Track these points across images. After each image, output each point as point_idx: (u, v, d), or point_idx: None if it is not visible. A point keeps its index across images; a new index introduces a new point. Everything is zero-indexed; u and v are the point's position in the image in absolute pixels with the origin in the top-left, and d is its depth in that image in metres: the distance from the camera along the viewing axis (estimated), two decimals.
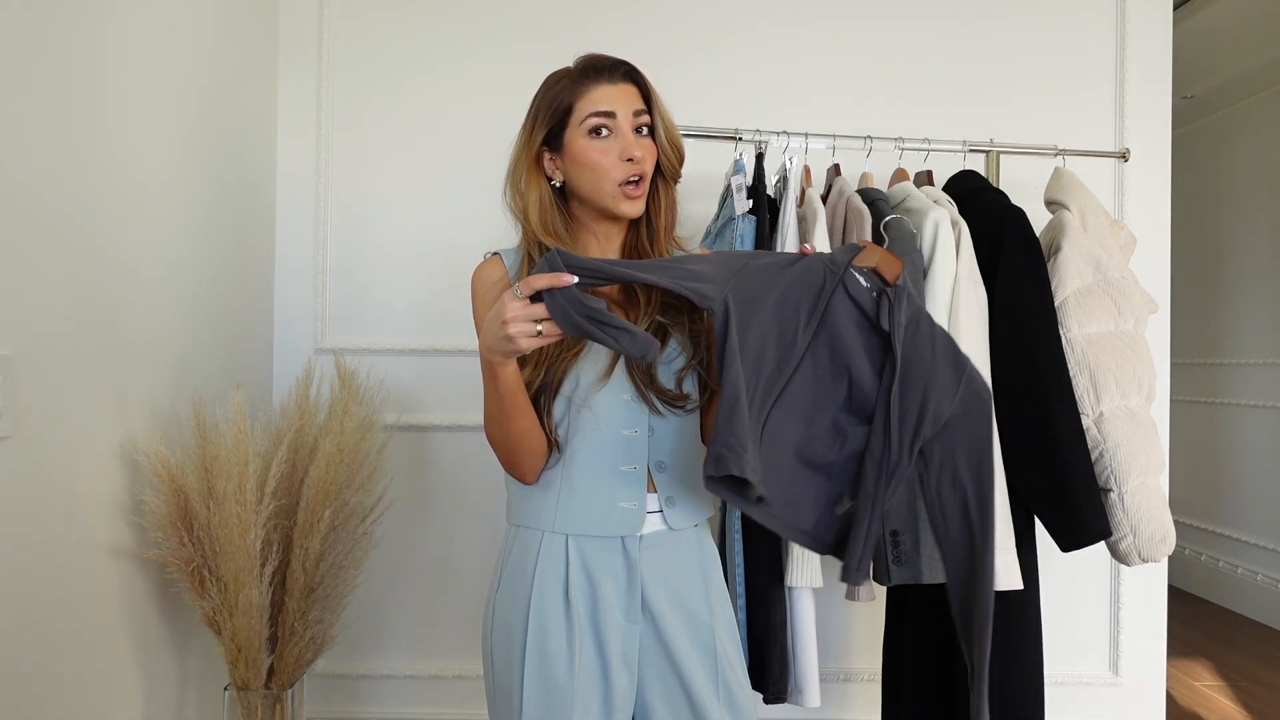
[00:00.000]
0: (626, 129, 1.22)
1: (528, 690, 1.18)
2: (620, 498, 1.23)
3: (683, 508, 1.26)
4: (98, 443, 1.55)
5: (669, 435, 1.25)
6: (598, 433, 1.22)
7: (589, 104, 1.22)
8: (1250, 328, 4.03)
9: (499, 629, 1.25)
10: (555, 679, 1.18)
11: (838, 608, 2.40)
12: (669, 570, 1.25)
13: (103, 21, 1.55)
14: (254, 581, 1.66)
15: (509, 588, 1.25)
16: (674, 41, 2.41)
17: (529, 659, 1.19)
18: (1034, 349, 1.69)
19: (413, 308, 2.38)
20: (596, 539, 1.22)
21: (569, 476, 1.23)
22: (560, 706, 1.17)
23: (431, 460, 2.39)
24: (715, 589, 1.29)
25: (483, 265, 1.29)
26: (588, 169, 1.22)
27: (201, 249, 1.94)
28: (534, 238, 1.26)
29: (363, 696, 2.39)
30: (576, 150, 1.23)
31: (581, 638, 1.20)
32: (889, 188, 1.89)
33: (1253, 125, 4.03)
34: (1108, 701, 2.48)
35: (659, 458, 1.24)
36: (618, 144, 1.22)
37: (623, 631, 1.21)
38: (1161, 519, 1.71)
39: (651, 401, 1.22)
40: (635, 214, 1.24)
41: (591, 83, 1.23)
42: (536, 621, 1.20)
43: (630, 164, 1.21)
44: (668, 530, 1.25)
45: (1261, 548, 3.91)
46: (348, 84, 2.38)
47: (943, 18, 2.45)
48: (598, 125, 1.21)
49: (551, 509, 1.23)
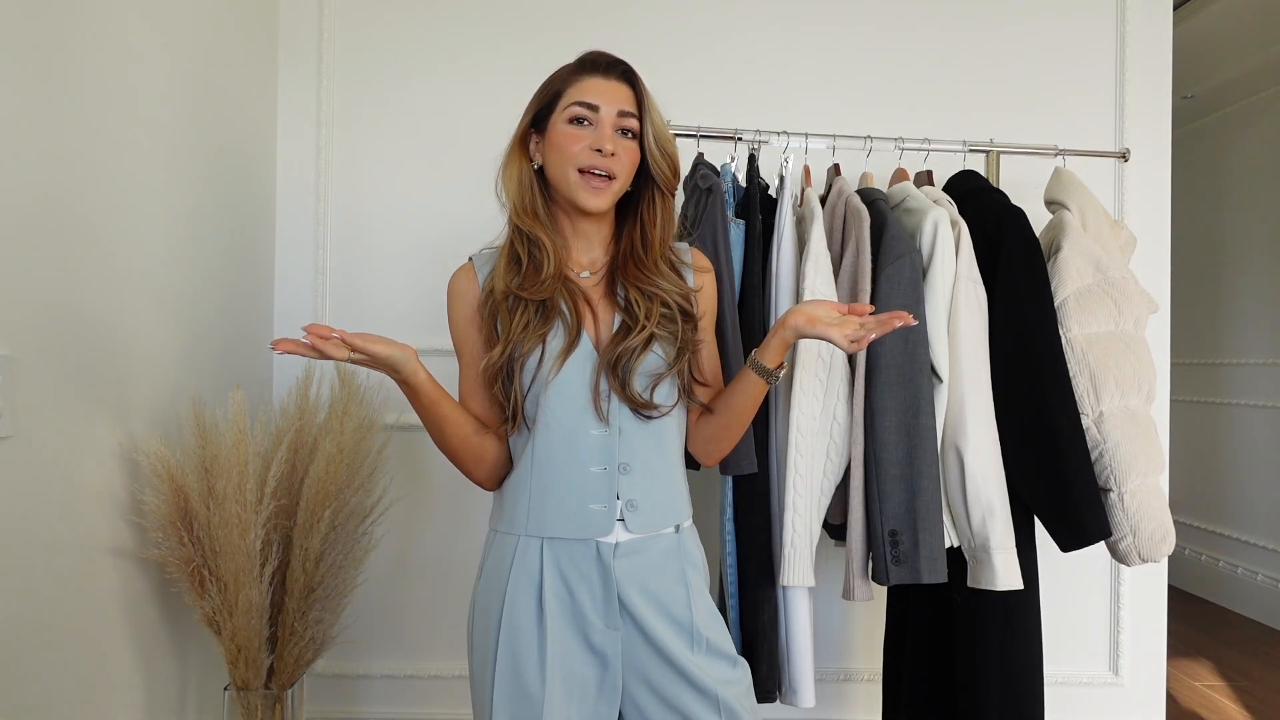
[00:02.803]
0: (607, 124, 1.23)
1: (498, 697, 1.19)
2: (590, 499, 1.22)
3: (646, 513, 1.24)
4: (98, 443, 1.55)
5: (637, 436, 1.25)
6: (565, 427, 1.22)
7: (577, 93, 1.24)
8: (1250, 328, 4.03)
9: (477, 631, 1.26)
10: (527, 688, 1.19)
11: (837, 607, 2.40)
12: (645, 575, 1.24)
13: (102, 22, 1.55)
14: (254, 581, 1.66)
15: (485, 593, 1.26)
16: (674, 43, 2.40)
17: (500, 666, 1.20)
18: (1034, 349, 1.69)
19: (412, 307, 2.38)
20: (570, 543, 1.22)
21: (539, 478, 1.23)
22: (529, 716, 1.18)
23: (431, 460, 2.39)
24: (697, 593, 1.27)
25: (456, 274, 1.32)
26: (556, 151, 1.24)
27: (201, 249, 1.94)
28: (514, 221, 1.28)
29: (363, 696, 2.39)
30: (553, 133, 1.25)
31: (561, 645, 1.20)
32: (889, 188, 1.89)
33: (1253, 125, 4.03)
34: (1108, 701, 2.48)
35: (623, 459, 1.24)
36: (593, 134, 1.23)
37: (604, 637, 1.22)
38: (1161, 519, 1.71)
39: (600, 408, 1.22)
40: (595, 208, 1.24)
41: (586, 74, 1.25)
42: (509, 628, 1.21)
43: (598, 155, 1.22)
44: (634, 535, 1.24)
45: (1261, 548, 3.91)
46: (347, 84, 2.38)
47: (943, 18, 2.44)
48: (579, 115, 1.23)
49: (524, 512, 1.24)
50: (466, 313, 1.29)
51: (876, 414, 1.63)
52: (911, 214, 1.76)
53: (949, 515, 1.68)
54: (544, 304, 1.24)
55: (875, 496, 1.63)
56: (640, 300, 1.25)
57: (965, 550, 1.68)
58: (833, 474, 1.66)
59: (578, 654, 1.21)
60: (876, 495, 1.63)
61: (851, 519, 1.65)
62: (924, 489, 1.61)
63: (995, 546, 1.62)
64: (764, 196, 1.85)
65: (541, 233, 1.26)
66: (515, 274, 1.25)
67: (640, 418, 1.24)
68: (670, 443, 1.29)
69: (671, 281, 1.28)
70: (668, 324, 1.26)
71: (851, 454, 1.65)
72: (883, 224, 1.69)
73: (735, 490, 1.73)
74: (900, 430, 1.62)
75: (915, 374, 1.62)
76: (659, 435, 1.27)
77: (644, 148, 1.26)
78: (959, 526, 1.67)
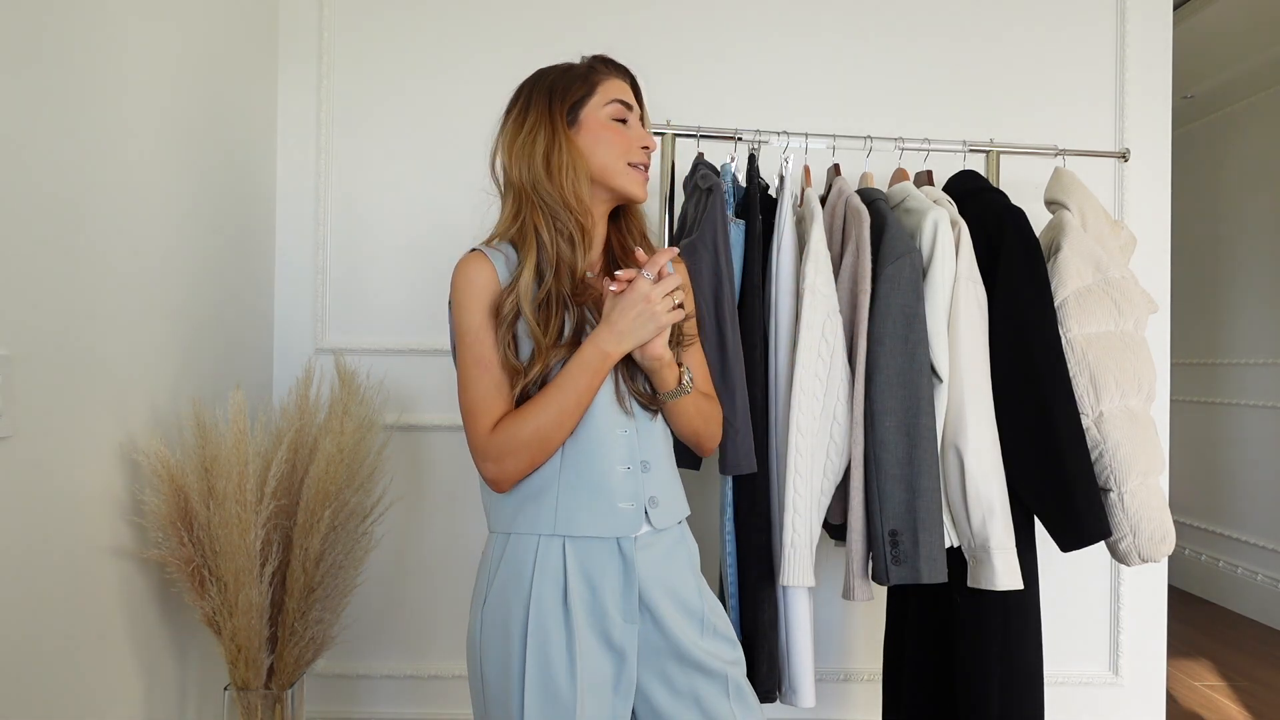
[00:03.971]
0: (638, 125, 1.31)
1: (529, 702, 1.17)
2: (620, 498, 1.23)
3: (665, 507, 1.28)
4: (98, 443, 1.55)
5: (652, 435, 1.28)
6: (596, 427, 1.23)
7: (615, 90, 1.29)
8: (1250, 328, 4.03)
9: (491, 640, 1.22)
10: (558, 691, 1.17)
11: (837, 607, 2.41)
12: (663, 567, 1.26)
13: (102, 22, 1.55)
14: (254, 581, 1.66)
15: (501, 597, 1.22)
16: (674, 43, 2.40)
17: (530, 670, 1.17)
18: (1034, 349, 1.69)
19: (413, 308, 2.38)
20: (594, 541, 1.22)
21: (569, 478, 1.23)
22: (563, 717, 1.17)
23: (431, 460, 2.39)
24: (702, 580, 1.33)
25: (469, 262, 1.23)
26: (603, 144, 1.26)
27: (202, 249, 1.94)
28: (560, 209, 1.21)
29: (363, 696, 2.39)
30: (597, 124, 1.27)
31: (582, 644, 1.20)
32: (889, 188, 1.89)
33: (1252, 125, 4.03)
34: (1108, 701, 2.48)
35: (643, 457, 1.26)
36: (636, 132, 1.30)
37: (622, 632, 1.22)
38: (1161, 519, 1.71)
39: (626, 405, 1.25)
40: (642, 198, 1.30)
41: (614, 75, 1.31)
42: (537, 632, 1.18)
43: (645, 151, 1.29)
44: (654, 529, 1.27)
45: (1261, 548, 3.91)
46: (348, 85, 2.38)
47: (943, 17, 2.44)
48: (621, 114, 1.29)
49: (550, 512, 1.22)
50: (484, 306, 1.22)
51: (876, 414, 1.63)
52: (911, 214, 1.76)
53: (949, 515, 1.68)
54: (584, 308, 1.24)
55: (875, 496, 1.63)
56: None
57: (965, 550, 1.68)
58: (833, 474, 1.66)
59: (596, 652, 1.21)
60: (876, 495, 1.63)
61: (851, 519, 1.65)
62: (924, 489, 1.61)
63: (995, 546, 1.62)
64: (764, 196, 1.85)
65: (589, 221, 1.24)
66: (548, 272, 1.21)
67: (649, 413, 1.28)
68: (670, 438, 1.35)
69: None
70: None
71: (851, 454, 1.65)
72: (883, 224, 1.69)
73: (735, 490, 1.73)
74: (900, 430, 1.62)
75: (915, 374, 1.63)
76: (664, 431, 1.32)
77: None
78: (959, 526, 1.67)
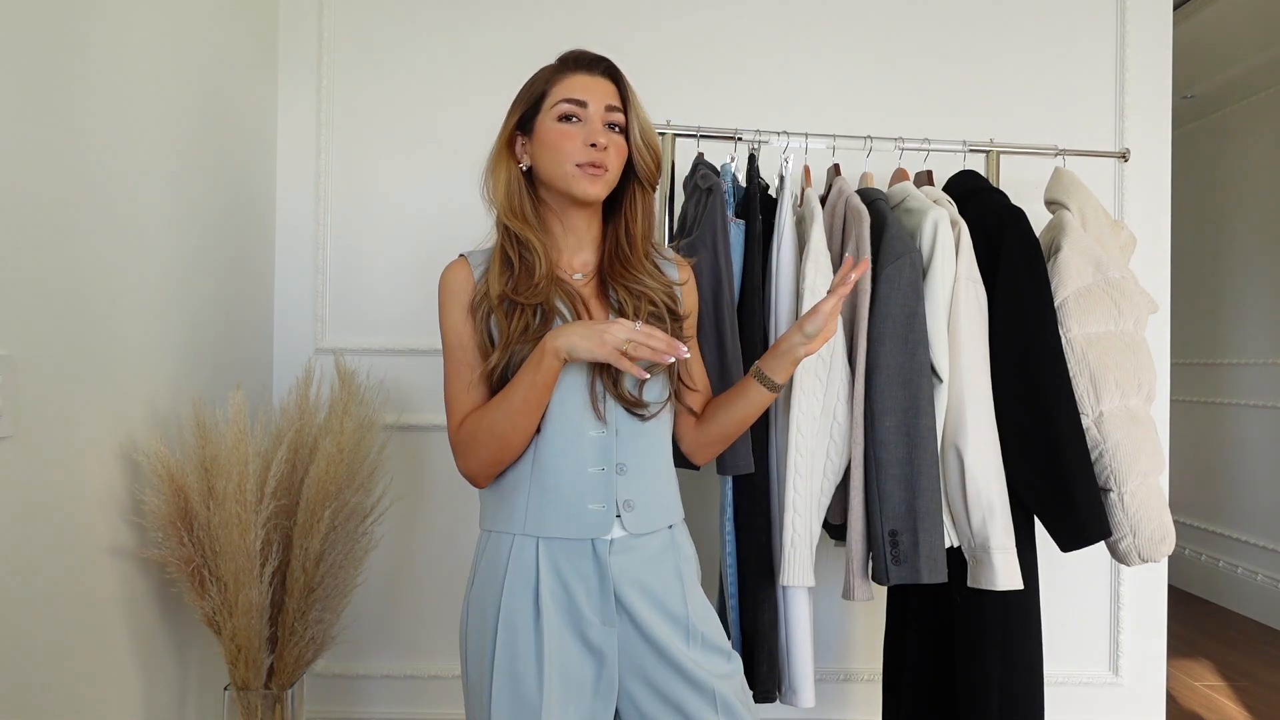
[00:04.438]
0: (596, 119, 1.25)
1: (496, 697, 1.19)
2: (590, 499, 1.23)
3: (643, 512, 1.25)
4: (98, 443, 1.55)
5: (637, 438, 1.26)
6: (565, 428, 1.22)
7: (563, 90, 1.25)
8: (1250, 328, 4.03)
9: (473, 634, 1.25)
10: (525, 687, 1.18)
11: (837, 607, 2.41)
12: (641, 571, 1.25)
13: (102, 23, 1.55)
14: (254, 581, 1.66)
15: (480, 593, 1.25)
16: (673, 43, 2.40)
17: (498, 668, 1.19)
18: (1034, 349, 1.69)
19: (413, 308, 2.37)
20: (567, 542, 1.22)
21: (539, 478, 1.23)
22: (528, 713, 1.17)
23: (431, 460, 2.39)
24: (690, 587, 1.29)
25: (450, 267, 1.30)
26: (550, 149, 1.24)
27: (201, 249, 1.94)
28: (503, 223, 1.28)
29: (363, 696, 2.39)
30: (544, 132, 1.25)
31: (558, 644, 1.20)
32: (889, 188, 1.89)
33: (1253, 125, 4.03)
34: (1108, 701, 2.48)
35: (620, 460, 1.25)
36: (584, 130, 1.24)
37: (600, 634, 1.22)
38: (1161, 519, 1.71)
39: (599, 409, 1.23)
40: (594, 196, 1.25)
41: (570, 72, 1.26)
42: (506, 629, 1.20)
43: (593, 149, 1.23)
44: (630, 534, 1.24)
45: (1261, 548, 3.91)
46: (347, 85, 2.38)
47: (943, 17, 2.44)
48: (568, 112, 1.24)
49: (522, 512, 1.23)
50: (462, 307, 1.28)
51: (876, 414, 1.63)
52: (911, 214, 1.76)
53: (949, 515, 1.68)
54: (540, 307, 1.24)
55: (875, 496, 1.63)
56: (628, 299, 1.27)
57: (965, 550, 1.68)
58: (833, 474, 1.66)
59: (574, 653, 1.21)
60: (876, 495, 1.63)
61: (851, 519, 1.65)
62: (924, 489, 1.61)
63: (995, 546, 1.62)
64: (764, 196, 1.85)
65: (531, 234, 1.26)
66: (508, 277, 1.25)
67: (635, 418, 1.26)
68: (663, 443, 1.32)
69: (657, 280, 1.31)
70: (655, 322, 1.28)
71: (851, 454, 1.65)
72: (883, 224, 1.69)
73: (735, 490, 1.73)
74: (900, 430, 1.62)
75: (915, 374, 1.63)
76: (653, 436, 1.29)
77: (630, 142, 1.27)
78: (959, 526, 1.67)
